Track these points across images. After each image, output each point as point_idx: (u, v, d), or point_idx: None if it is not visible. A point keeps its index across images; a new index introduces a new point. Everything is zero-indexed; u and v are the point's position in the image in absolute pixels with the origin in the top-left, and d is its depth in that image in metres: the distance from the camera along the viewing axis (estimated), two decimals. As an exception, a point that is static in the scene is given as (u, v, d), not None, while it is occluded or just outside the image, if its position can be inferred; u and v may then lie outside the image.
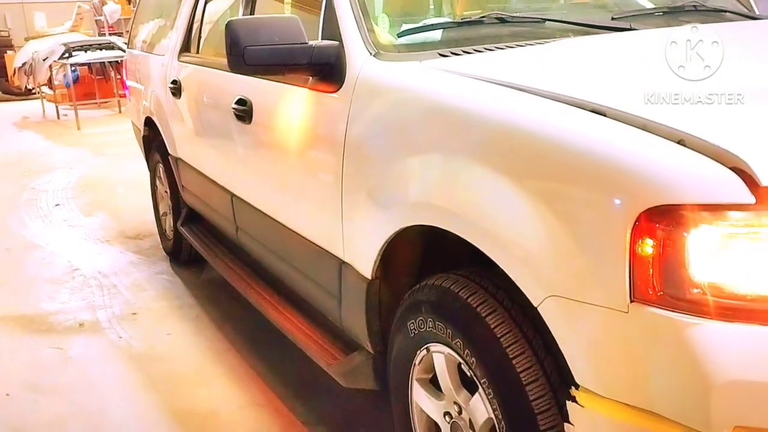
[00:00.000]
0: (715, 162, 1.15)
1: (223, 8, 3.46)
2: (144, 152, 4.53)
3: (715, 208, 1.14)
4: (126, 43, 5.27)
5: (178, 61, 3.54)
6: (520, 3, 2.71)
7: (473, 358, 1.54)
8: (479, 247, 1.48)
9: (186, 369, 2.94)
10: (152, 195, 4.45)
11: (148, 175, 4.49)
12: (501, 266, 1.44)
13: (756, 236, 1.13)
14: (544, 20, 2.17)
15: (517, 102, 1.51)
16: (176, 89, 3.47)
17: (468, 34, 2.12)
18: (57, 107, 10.84)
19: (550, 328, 1.34)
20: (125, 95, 5.53)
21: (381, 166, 1.82)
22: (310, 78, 2.12)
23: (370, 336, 1.99)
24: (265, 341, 3.03)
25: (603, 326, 1.24)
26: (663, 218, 1.16)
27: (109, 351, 3.15)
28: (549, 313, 1.33)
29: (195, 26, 3.53)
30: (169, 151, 3.80)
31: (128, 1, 13.11)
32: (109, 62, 10.65)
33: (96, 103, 11.18)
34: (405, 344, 1.81)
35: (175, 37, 3.66)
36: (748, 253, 1.14)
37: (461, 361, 1.60)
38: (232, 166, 2.88)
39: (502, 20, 2.11)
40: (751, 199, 1.11)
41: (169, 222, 4.16)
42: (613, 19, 2.20)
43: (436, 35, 2.09)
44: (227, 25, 2.01)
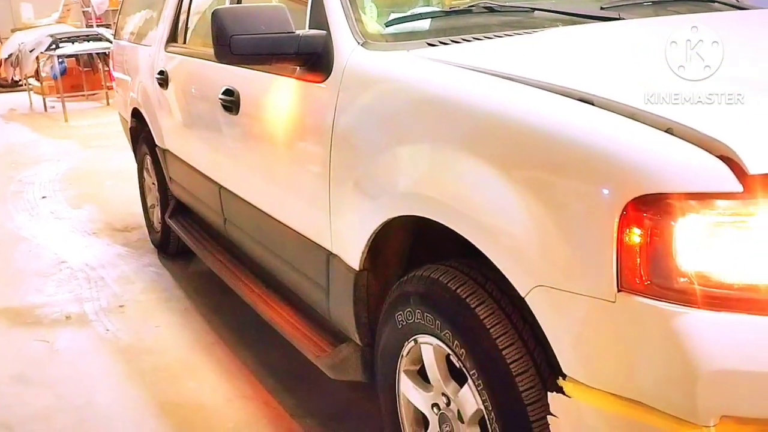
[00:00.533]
0: (702, 150, 1.15)
1: (210, -2, 3.43)
2: (131, 144, 4.50)
3: (703, 197, 1.13)
4: (113, 35, 5.22)
5: (165, 51, 3.51)
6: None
7: (462, 350, 1.53)
8: (467, 237, 1.48)
9: (174, 362, 2.92)
10: (140, 187, 4.42)
11: (135, 167, 4.46)
12: (488, 256, 1.43)
13: (743, 225, 1.13)
14: (533, 9, 2.16)
15: (505, 91, 1.50)
16: (163, 80, 3.44)
17: (456, 23, 2.11)
18: (44, 99, 10.75)
19: (538, 318, 1.33)
20: (113, 87, 5.48)
21: (369, 156, 1.81)
22: (298, 68, 2.10)
23: (358, 328, 1.98)
24: (253, 334, 3.02)
25: (590, 316, 1.23)
26: (650, 207, 1.15)
27: (96, 344, 3.13)
28: (536, 303, 1.33)
29: (182, 16, 3.51)
30: (157, 143, 3.77)
31: (116, -8, 13.03)
32: (97, 54, 10.58)
33: (84, 95, 11.09)
34: (393, 336, 1.80)
35: (162, 27, 3.63)
36: (736, 242, 1.14)
37: (450, 352, 1.60)
38: (219, 157, 2.86)
39: (491, 9, 2.10)
40: (739, 188, 1.11)
41: (156, 214, 4.14)
42: (602, 8, 2.20)
43: (424, 24, 2.08)
44: (213, 14, 1.99)
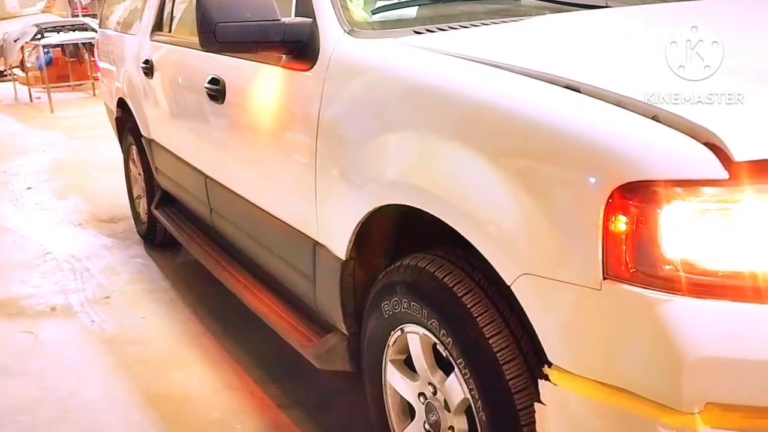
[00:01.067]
0: (688, 137, 1.14)
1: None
2: (117, 134, 4.46)
3: (689, 184, 1.13)
4: (99, 24, 5.18)
5: (151, 40, 3.47)
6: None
7: (449, 339, 1.53)
8: (453, 226, 1.47)
9: (160, 352, 2.91)
10: (126, 178, 4.39)
11: (121, 157, 4.43)
12: (474, 245, 1.42)
13: (729, 212, 1.13)
14: (520, -2, 2.16)
15: (492, 79, 1.49)
16: (148, 69, 3.41)
17: (443, 11, 2.10)
18: (30, 90, 10.66)
19: (524, 306, 1.33)
20: (99, 78, 5.44)
21: (355, 145, 1.80)
22: (284, 56, 2.08)
23: (344, 317, 1.97)
24: (239, 324, 3.00)
25: (576, 304, 1.23)
26: (636, 195, 1.15)
27: (82, 335, 3.11)
28: (522, 291, 1.32)
29: (167, 5, 3.47)
30: (142, 133, 3.74)
31: (102, -19, 12.90)
32: (83, 44, 10.50)
33: (69, 86, 11.01)
34: (379, 325, 1.79)
35: (148, 15, 3.60)
36: (721, 230, 1.14)
37: (437, 341, 1.59)
38: (205, 147, 2.84)
39: (478, -3, 2.10)
40: (725, 175, 1.10)
41: (143, 205, 4.11)
42: (589, -4, 2.19)
43: (410, 12, 2.07)
44: (198, 1, 1.97)
